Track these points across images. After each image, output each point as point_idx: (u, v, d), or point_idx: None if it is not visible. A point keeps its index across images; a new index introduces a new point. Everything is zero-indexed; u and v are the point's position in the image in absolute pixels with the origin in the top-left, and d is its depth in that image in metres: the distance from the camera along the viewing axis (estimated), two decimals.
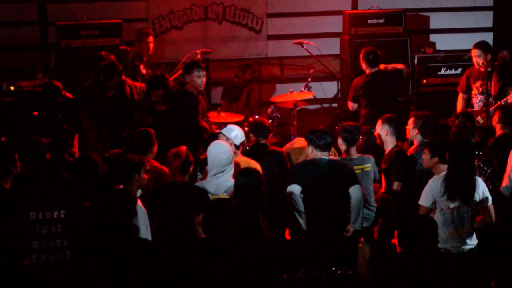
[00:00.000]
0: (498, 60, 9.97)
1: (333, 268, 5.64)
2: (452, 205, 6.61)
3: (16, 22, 11.29)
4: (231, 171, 7.00)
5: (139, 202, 6.35)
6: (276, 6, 11.87)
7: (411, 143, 8.04)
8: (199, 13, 11.55)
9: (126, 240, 5.84)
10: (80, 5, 11.19)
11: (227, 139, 7.47)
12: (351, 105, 9.60)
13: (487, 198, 6.74)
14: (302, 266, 5.63)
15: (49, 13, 11.27)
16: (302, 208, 6.88)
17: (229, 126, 7.74)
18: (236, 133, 7.54)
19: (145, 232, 6.29)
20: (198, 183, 7.08)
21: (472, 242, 6.67)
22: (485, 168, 7.46)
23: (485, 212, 6.76)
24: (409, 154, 7.66)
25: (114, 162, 7.14)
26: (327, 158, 7.05)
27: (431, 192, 6.67)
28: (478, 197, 6.69)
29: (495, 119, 8.13)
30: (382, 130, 7.77)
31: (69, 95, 9.11)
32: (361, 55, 9.55)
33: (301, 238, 6.92)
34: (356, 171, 7.30)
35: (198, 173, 7.52)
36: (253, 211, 6.32)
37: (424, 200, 6.71)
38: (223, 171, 6.95)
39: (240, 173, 6.79)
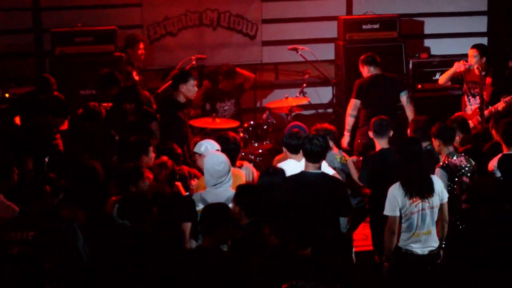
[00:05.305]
0: None
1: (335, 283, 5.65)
2: (415, 209, 6.63)
3: (11, 30, 11.27)
4: (230, 181, 6.93)
5: None
6: (271, 12, 11.86)
7: None
8: (193, 20, 11.55)
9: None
10: (75, 12, 11.16)
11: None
12: (354, 103, 9.39)
13: (444, 197, 6.79)
14: (306, 276, 5.59)
15: (43, 20, 11.25)
16: None
17: (199, 142, 7.62)
18: (204, 146, 7.45)
19: None
20: (197, 194, 6.99)
21: (433, 244, 6.74)
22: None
23: (440, 212, 6.78)
24: None
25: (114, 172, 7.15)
26: (318, 171, 6.79)
27: (393, 200, 6.67)
28: (438, 197, 6.72)
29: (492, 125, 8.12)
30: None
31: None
32: (360, 61, 9.50)
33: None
34: None
35: None
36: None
37: (389, 209, 6.69)
38: (221, 182, 6.89)
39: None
